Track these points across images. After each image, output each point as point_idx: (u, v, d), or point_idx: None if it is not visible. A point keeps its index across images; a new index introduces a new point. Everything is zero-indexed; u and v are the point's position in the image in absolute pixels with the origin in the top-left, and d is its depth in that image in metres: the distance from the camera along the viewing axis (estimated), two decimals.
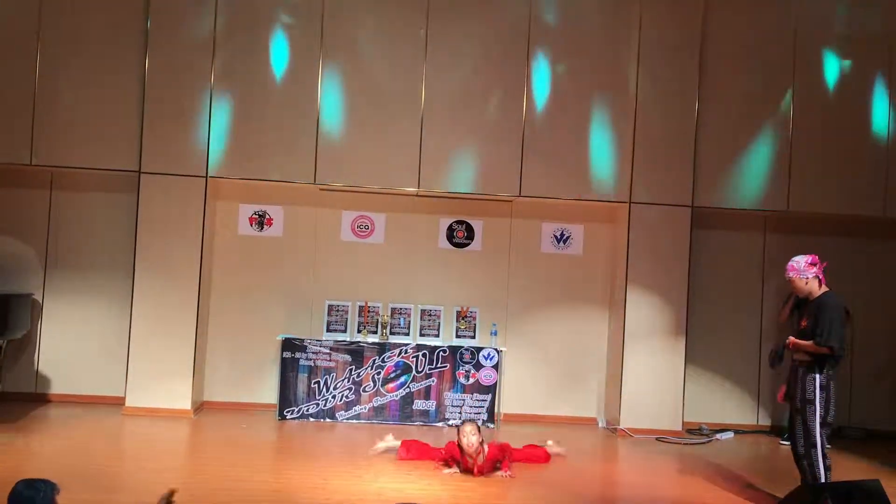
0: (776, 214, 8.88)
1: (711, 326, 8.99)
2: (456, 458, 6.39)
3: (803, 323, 5.85)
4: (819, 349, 5.65)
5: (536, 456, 6.88)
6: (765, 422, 9.03)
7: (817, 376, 5.68)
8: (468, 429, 6.28)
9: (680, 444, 8.16)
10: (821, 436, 5.65)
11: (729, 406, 9.04)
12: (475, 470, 6.28)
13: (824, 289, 5.84)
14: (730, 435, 8.62)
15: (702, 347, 8.91)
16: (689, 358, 8.66)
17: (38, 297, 8.50)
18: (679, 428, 8.44)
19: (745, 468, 7.23)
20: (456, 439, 6.38)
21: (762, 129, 8.64)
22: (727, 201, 8.64)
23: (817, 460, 5.66)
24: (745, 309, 9.10)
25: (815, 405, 5.66)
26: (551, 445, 7.09)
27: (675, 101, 8.50)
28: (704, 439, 8.38)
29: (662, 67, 8.49)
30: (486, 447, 6.34)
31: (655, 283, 8.48)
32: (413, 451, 6.75)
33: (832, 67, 8.72)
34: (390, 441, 6.92)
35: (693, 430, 8.68)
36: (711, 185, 8.59)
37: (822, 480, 5.56)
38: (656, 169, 8.48)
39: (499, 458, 6.40)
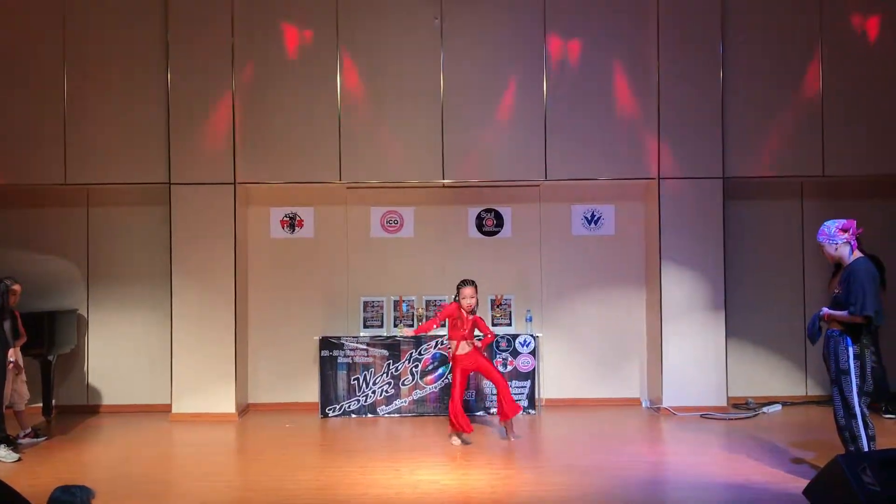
0: (812, 180, 8.66)
1: (752, 299, 8.83)
2: (454, 315, 7.13)
3: (836, 291, 5.69)
4: (854, 319, 5.48)
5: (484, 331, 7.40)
6: (815, 392, 8.83)
7: (850, 346, 5.52)
8: (468, 292, 7.15)
9: (725, 420, 8.03)
10: (860, 405, 5.50)
11: (776, 378, 8.87)
12: (464, 328, 7.13)
13: (857, 255, 5.65)
14: (778, 408, 8.45)
15: (743, 321, 8.75)
16: (731, 332, 8.53)
17: (82, 311, 8.74)
18: (724, 403, 8.31)
19: (793, 441, 7.08)
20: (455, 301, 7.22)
21: (792, 92, 8.42)
22: (760, 169, 8.46)
23: (859, 431, 5.51)
24: (786, 278, 8.91)
25: (850, 375, 5.51)
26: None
27: (698, 70, 8.34)
28: (751, 413, 8.23)
29: (684, 36, 8.33)
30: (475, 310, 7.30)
31: (691, 258, 8.35)
32: (423, 328, 7.43)
33: (861, 24, 8.44)
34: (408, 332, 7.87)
35: (739, 405, 8.53)
36: (742, 154, 8.41)
37: (867, 451, 5.42)
38: (684, 142, 8.34)
39: (476, 323, 7.28)
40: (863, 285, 5.44)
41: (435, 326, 7.24)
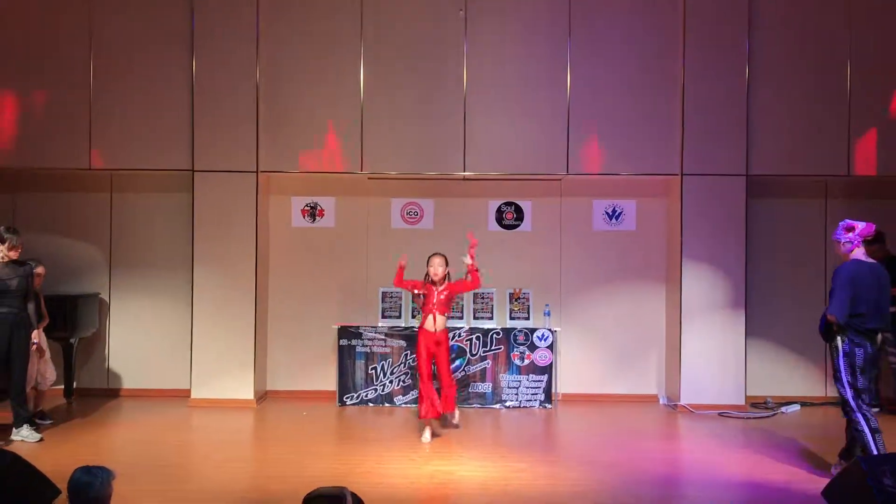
0: (837, 179, 8.57)
1: (773, 298, 8.76)
2: (418, 288, 7.17)
3: None
4: (830, 318, 5.72)
5: (466, 285, 7.27)
6: (834, 393, 8.69)
7: (840, 344, 5.68)
8: (437, 260, 7.11)
9: (743, 418, 7.99)
10: (854, 400, 5.64)
11: (795, 378, 8.81)
12: (435, 300, 7.03)
13: (854, 256, 5.79)
14: (796, 408, 8.40)
15: (764, 320, 8.70)
16: (751, 331, 8.47)
17: (104, 296, 8.83)
18: (742, 402, 8.27)
19: (811, 441, 7.03)
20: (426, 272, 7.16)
21: (818, 89, 8.34)
22: (784, 167, 8.39)
23: (862, 427, 5.61)
24: (808, 278, 8.83)
25: (841, 373, 5.67)
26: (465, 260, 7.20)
27: (724, 66, 8.27)
28: (769, 413, 8.19)
29: (710, 32, 8.26)
30: (447, 281, 7.13)
31: (712, 256, 8.30)
32: (403, 281, 7.26)
33: (889, 21, 8.34)
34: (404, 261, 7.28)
35: (758, 404, 8.48)
36: (767, 152, 8.34)
37: (872, 446, 5.51)
38: (707, 138, 8.28)
39: (452, 297, 7.19)
40: (835, 286, 5.67)
41: (400, 279, 7.14)
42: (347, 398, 8.40)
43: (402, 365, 8.37)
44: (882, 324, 5.74)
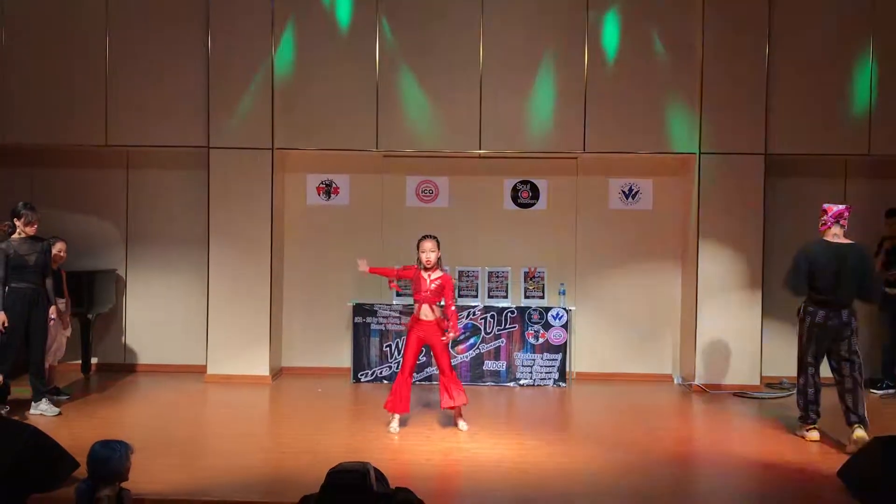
0: (856, 158, 8.47)
1: None
2: (408, 276, 6.59)
3: None
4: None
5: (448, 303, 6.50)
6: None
7: (801, 311, 6.36)
8: (428, 245, 6.44)
9: (758, 399, 7.96)
10: (800, 362, 6.40)
11: None
12: (423, 289, 6.41)
13: (825, 237, 6.33)
14: None
15: (780, 300, 8.56)
16: (768, 311, 8.42)
17: (121, 272, 8.88)
18: (758, 382, 8.24)
19: (826, 422, 6.97)
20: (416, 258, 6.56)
21: (840, 68, 8.22)
22: (803, 146, 8.29)
23: (798, 386, 6.50)
24: None
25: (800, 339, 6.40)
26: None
27: (743, 43, 8.16)
28: (785, 393, 8.14)
29: (729, 9, 8.14)
30: (440, 270, 6.48)
31: (729, 235, 8.24)
32: (377, 269, 6.89)
33: None
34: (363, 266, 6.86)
35: (773, 385, 8.45)
36: (786, 131, 8.24)
37: (798, 404, 6.46)
38: (726, 117, 8.19)
39: (443, 287, 6.42)
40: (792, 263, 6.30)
41: (393, 276, 6.75)
42: (362, 375, 8.43)
43: None
44: (838, 298, 6.12)
